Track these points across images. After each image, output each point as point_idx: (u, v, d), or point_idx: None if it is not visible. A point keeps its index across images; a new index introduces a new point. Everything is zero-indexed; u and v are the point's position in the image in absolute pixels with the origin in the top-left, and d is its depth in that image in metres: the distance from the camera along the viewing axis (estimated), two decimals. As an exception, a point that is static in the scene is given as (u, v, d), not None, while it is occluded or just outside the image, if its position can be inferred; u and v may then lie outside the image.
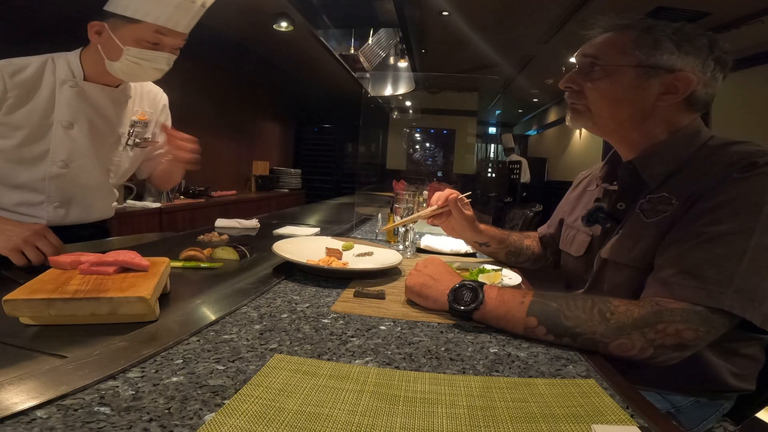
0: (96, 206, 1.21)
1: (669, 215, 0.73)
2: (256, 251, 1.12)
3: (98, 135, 1.12)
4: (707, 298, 0.63)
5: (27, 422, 0.38)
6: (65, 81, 1.04)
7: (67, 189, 1.11)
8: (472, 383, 0.52)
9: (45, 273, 0.68)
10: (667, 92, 0.77)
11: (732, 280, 0.62)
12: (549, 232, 1.17)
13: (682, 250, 0.68)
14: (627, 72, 0.78)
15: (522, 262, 1.20)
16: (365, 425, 0.42)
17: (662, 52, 0.76)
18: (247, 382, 0.48)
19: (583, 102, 0.83)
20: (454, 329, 0.70)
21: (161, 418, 0.40)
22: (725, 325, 0.64)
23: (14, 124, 1.00)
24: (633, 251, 0.77)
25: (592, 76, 0.81)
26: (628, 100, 0.79)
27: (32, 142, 1.03)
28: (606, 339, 0.64)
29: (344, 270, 0.95)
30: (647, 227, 0.76)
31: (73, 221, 1.15)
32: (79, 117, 1.07)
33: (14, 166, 1.04)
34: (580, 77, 0.83)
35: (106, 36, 0.99)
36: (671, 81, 0.76)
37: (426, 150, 7.00)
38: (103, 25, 0.98)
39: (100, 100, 1.10)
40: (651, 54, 0.76)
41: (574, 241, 0.98)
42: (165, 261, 0.77)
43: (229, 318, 0.68)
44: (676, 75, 0.75)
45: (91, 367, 0.48)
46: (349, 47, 2.96)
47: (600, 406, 0.48)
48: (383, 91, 4.27)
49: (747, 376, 0.79)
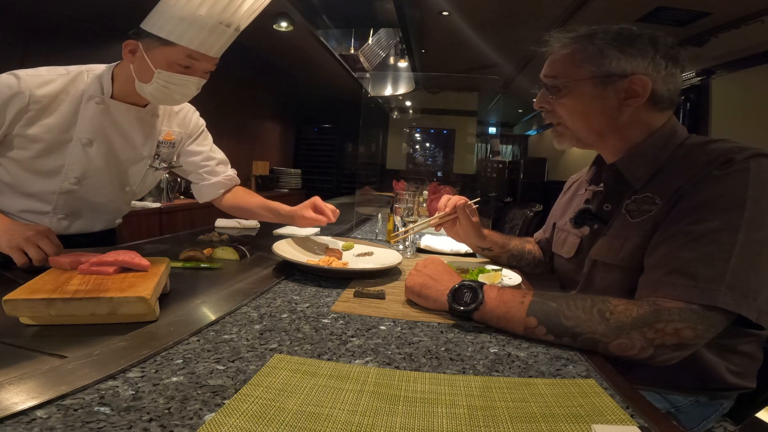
0: (100, 220, 1.20)
1: (654, 214, 0.75)
2: (256, 251, 1.12)
3: (116, 154, 1.10)
4: (701, 296, 0.63)
5: (27, 422, 0.38)
6: (92, 97, 1.02)
7: (75, 204, 1.11)
8: (472, 383, 0.52)
9: (45, 273, 0.68)
10: (628, 96, 0.79)
11: (724, 277, 0.63)
12: (544, 237, 1.18)
13: (670, 249, 0.69)
14: (585, 85, 0.80)
15: (524, 266, 1.20)
16: (365, 425, 0.42)
17: (609, 59, 0.78)
18: (247, 382, 0.48)
19: (561, 121, 0.86)
20: (454, 329, 0.70)
21: (161, 418, 0.40)
22: (722, 322, 0.64)
23: (32, 137, 0.99)
24: (621, 251, 0.78)
25: (557, 94, 0.84)
26: (595, 112, 0.82)
27: (48, 155, 1.02)
28: (606, 339, 0.64)
29: (344, 270, 0.95)
30: (634, 227, 0.77)
31: (76, 232, 1.14)
32: (99, 135, 1.05)
33: (29, 175, 1.04)
34: (548, 96, 0.86)
35: (140, 56, 0.96)
36: (628, 86, 0.78)
37: (426, 150, 7.00)
38: (138, 45, 0.96)
39: (124, 119, 1.08)
40: (600, 63, 0.79)
41: (565, 243, 0.99)
42: (165, 261, 0.77)
43: (229, 318, 0.68)
44: (630, 79, 0.77)
45: (91, 367, 0.48)
46: (349, 47, 2.96)
47: (600, 406, 0.48)
48: (383, 91, 4.27)
49: (746, 374, 0.79)
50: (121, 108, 1.06)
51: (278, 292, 0.83)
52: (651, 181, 0.79)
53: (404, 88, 4.47)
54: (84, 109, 1.01)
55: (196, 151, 1.27)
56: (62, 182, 1.06)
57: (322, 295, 0.82)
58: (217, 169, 1.31)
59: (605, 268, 0.82)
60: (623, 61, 0.77)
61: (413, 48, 4.39)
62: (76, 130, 1.02)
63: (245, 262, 1.05)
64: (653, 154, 0.80)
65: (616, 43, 0.78)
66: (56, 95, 0.99)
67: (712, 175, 0.69)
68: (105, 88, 1.03)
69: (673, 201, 0.72)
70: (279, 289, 0.85)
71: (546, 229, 1.19)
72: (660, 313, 0.63)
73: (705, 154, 0.73)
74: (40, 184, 1.04)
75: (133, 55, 0.98)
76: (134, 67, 0.99)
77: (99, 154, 1.07)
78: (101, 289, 0.62)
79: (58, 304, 0.58)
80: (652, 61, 0.77)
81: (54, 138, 1.01)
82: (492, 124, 8.28)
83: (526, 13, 3.63)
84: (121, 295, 0.60)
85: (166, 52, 0.95)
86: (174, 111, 1.21)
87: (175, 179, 3.37)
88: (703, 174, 0.70)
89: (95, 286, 0.63)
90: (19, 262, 0.85)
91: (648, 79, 0.77)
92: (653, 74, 0.77)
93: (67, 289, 0.61)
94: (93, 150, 1.05)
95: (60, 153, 1.03)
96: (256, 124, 5.34)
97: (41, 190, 1.05)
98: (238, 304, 0.73)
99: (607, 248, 0.81)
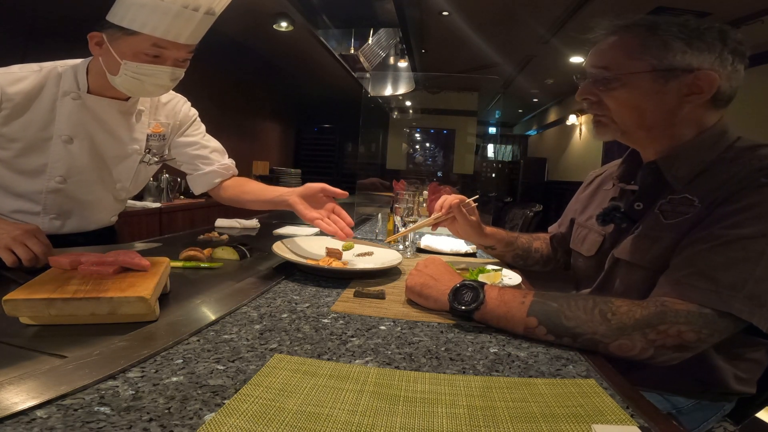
0: (94, 218, 1.18)
1: (691, 217, 0.71)
2: (256, 251, 1.12)
3: (101, 150, 1.08)
4: (718, 301, 0.62)
5: (27, 422, 0.38)
6: (67, 93, 0.99)
7: (65, 203, 1.08)
8: (472, 383, 0.52)
9: (45, 273, 0.68)
10: (690, 93, 0.73)
11: (745, 285, 0.61)
12: (560, 232, 1.14)
13: (698, 251, 0.66)
14: (643, 78, 0.74)
15: (531, 264, 1.18)
16: (365, 425, 0.42)
17: (673, 52, 0.72)
18: (247, 382, 0.48)
19: (606, 113, 0.80)
20: (454, 329, 0.70)
21: (161, 418, 0.40)
22: (729, 329, 0.64)
23: (9, 136, 0.97)
24: (650, 252, 0.75)
25: (608, 86, 0.78)
26: (651, 107, 0.76)
27: (29, 154, 1.00)
28: (606, 339, 0.64)
29: (344, 270, 0.95)
30: (666, 228, 0.73)
31: (70, 231, 1.12)
32: (80, 131, 1.03)
33: (14, 175, 1.02)
34: (596, 88, 0.80)
35: (106, 48, 0.93)
36: (693, 81, 0.72)
37: (426, 150, 7.00)
38: (102, 36, 0.93)
39: (105, 113, 1.05)
40: (662, 56, 0.73)
41: (585, 240, 0.96)
42: (165, 261, 0.77)
43: (229, 318, 0.68)
44: (696, 74, 0.72)
45: (91, 367, 0.48)
46: (349, 47, 2.96)
47: (600, 406, 0.48)
48: (383, 91, 4.27)
49: (749, 380, 0.79)
50: (100, 103, 1.03)
51: (278, 292, 0.83)
52: (691, 182, 0.74)
53: (404, 88, 4.46)
54: (60, 105, 0.99)
55: (188, 141, 1.22)
56: (47, 181, 1.03)
57: (322, 295, 0.82)
58: (212, 156, 1.24)
59: (628, 268, 0.79)
60: (689, 54, 0.72)
61: (413, 48, 4.39)
62: (55, 127, 0.99)
63: (245, 262, 1.05)
64: (699, 155, 0.75)
65: (683, 35, 0.72)
66: (30, 92, 0.96)
67: (760, 182, 0.66)
68: (80, 83, 1.00)
69: (714, 205, 0.69)
70: (279, 289, 0.85)
71: (562, 224, 1.14)
72: (665, 315, 0.63)
73: (756, 160, 0.69)
74: (26, 184, 1.03)
75: (99, 47, 0.94)
76: (102, 59, 0.95)
77: (82, 152, 1.04)
78: (101, 289, 0.62)
79: (58, 304, 0.58)
80: (720, 56, 0.72)
81: (33, 136, 0.98)
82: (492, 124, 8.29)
83: (526, 13, 3.63)
84: (121, 295, 0.60)
85: (131, 42, 0.91)
86: (162, 102, 1.17)
87: (175, 179, 3.37)
88: (749, 180, 0.67)
89: (95, 286, 0.63)
90: (8, 262, 0.85)
91: (715, 74, 0.71)
92: (719, 70, 0.72)
93: (67, 289, 0.61)
94: (75, 147, 1.03)
95: (42, 151, 1.01)
96: (256, 124, 5.34)
97: (28, 190, 1.04)
98: (238, 304, 0.73)
99: (634, 248, 0.77)
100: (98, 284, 0.64)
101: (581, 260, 0.97)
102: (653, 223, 0.76)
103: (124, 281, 0.66)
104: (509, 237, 1.16)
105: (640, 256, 0.76)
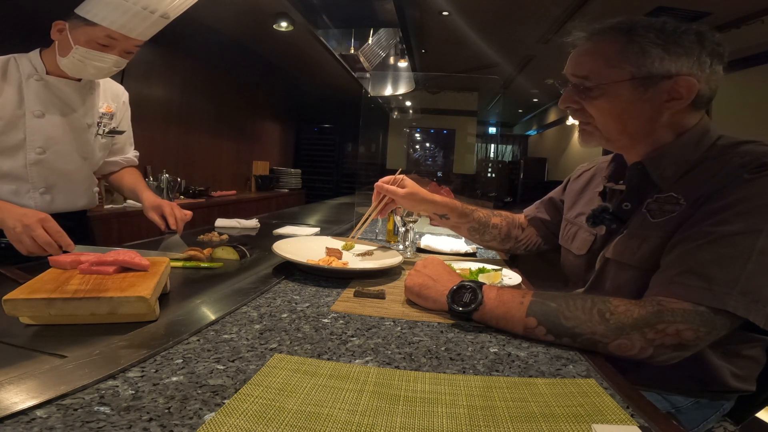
0: (78, 192, 1.27)
1: (677, 215, 0.71)
2: (256, 251, 1.12)
3: (70, 124, 1.19)
4: (712, 299, 0.62)
5: (27, 422, 0.38)
6: (30, 75, 1.11)
7: (49, 175, 1.17)
8: (472, 383, 0.52)
9: (45, 273, 0.68)
10: (671, 99, 0.73)
11: (738, 281, 0.62)
12: (539, 216, 1.14)
13: (688, 249, 0.67)
14: (623, 87, 0.74)
15: (488, 240, 1.17)
16: (365, 425, 0.42)
17: (652, 59, 0.72)
18: (247, 382, 0.48)
19: (590, 121, 0.80)
20: (454, 329, 0.70)
21: (161, 418, 0.40)
22: (726, 326, 0.64)
23: None
24: (638, 252, 0.75)
25: (589, 95, 0.78)
26: (632, 115, 0.76)
27: (9, 132, 1.09)
28: (605, 339, 0.64)
29: (344, 270, 0.95)
30: (653, 227, 0.74)
31: (60, 209, 1.19)
32: (50, 107, 1.14)
33: None
34: (577, 96, 0.79)
35: (65, 35, 1.06)
36: (672, 87, 0.72)
37: (426, 150, 7.00)
38: (65, 25, 1.06)
39: (66, 92, 1.17)
40: (641, 63, 0.72)
41: (575, 238, 0.96)
42: (165, 261, 0.77)
43: (229, 318, 0.68)
44: (676, 80, 0.72)
45: (91, 366, 0.48)
46: (349, 47, 2.96)
47: (600, 406, 0.48)
48: (383, 91, 4.28)
49: (747, 378, 0.79)
50: (60, 82, 1.15)
51: (278, 292, 0.83)
52: (677, 181, 0.75)
53: (404, 88, 4.47)
54: (26, 86, 1.11)
55: None
56: (28, 153, 1.12)
57: (322, 295, 0.82)
58: (124, 148, 1.44)
59: (619, 268, 0.79)
60: (667, 60, 0.71)
61: (413, 48, 4.39)
62: (26, 105, 1.11)
63: (245, 262, 1.05)
64: (684, 155, 0.75)
65: (660, 41, 0.71)
66: None
67: (743, 178, 0.66)
68: (38, 68, 1.12)
69: (699, 202, 0.69)
70: (279, 289, 0.85)
71: (542, 208, 1.14)
72: (663, 314, 0.63)
73: (737, 156, 0.70)
74: (9, 161, 1.11)
75: (60, 33, 1.07)
76: (58, 44, 1.09)
77: (54, 125, 1.15)
78: (101, 288, 0.62)
79: (58, 303, 0.58)
80: (698, 59, 0.71)
81: (9, 114, 1.08)
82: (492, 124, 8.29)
83: (526, 13, 3.63)
84: (121, 295, 0.60)
85: (88, 31, 1.04)
86: (107, 87, 1.32)
87: (175, 179, 3.37)
88: (733, 177, 0.67)
89: (95, 285, 0.63)
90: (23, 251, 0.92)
91: (694, 80, 0.71)
92: (698, 74, 0.72)
93: (67, 289, 0.61)
94: (47, 121, 1.14)
95: (19, 128, 1.11)
96: (256, 124, 5.34)
97: (12, 167, 1.11)
98: (238, 304, 0.73)
99: (624, 248, 0.78)
100: (98, 284, 0.64)
101: (572, 257, 0.97)
102: (641, 223, 0.77)
103: (124, 281, 0.66)
104: (465, 209, 1.14)
105: (629, 255, 0.77)
